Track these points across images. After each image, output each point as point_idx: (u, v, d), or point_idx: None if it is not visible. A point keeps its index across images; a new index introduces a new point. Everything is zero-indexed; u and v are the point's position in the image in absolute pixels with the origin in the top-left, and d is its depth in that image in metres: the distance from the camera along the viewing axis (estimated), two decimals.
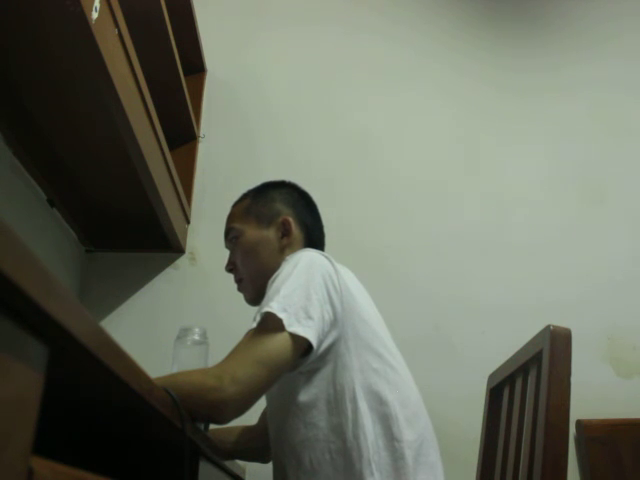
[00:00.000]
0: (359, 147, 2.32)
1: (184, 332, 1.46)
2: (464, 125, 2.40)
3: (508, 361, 1.31)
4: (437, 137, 2.38)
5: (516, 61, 2.50)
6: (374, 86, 2.43)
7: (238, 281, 1.27)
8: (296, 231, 1.25)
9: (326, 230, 1.35)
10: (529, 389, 1.13)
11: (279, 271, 1.08)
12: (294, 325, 0.98)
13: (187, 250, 2.12)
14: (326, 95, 2.40)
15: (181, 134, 2.16)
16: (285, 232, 1.24)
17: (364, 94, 2.41)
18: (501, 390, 1.36)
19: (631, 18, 2.58)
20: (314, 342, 0.99)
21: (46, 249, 1.76)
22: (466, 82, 2.45)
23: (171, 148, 1.85)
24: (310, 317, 1.00)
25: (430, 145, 2.36)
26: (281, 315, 0.97)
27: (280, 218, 1.25)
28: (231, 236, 1.28)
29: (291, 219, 1.25)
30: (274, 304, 0.99)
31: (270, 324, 0.97)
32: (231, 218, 1.30)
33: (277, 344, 0.96)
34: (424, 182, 2.29)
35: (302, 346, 1.00)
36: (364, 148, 2.32)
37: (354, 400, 1.04)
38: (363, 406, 1.04)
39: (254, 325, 0.99)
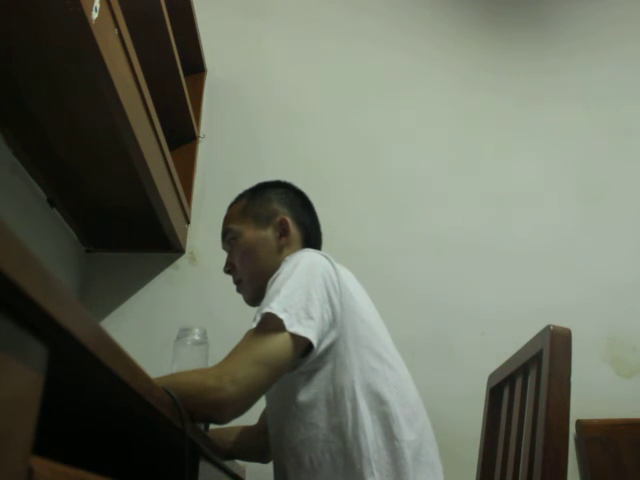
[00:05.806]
0: (359, 148, 2.32)
1: (184, 332, 1.46)
2: (464, 128, 2.40)
3: (508, 361, 1.31)
4: (437, 140, 2.38)
5: (516, 64, 2.49)
6: (374, 88, 2.43)
7: (237, 282, 1.27)
8: (294, 231, 1.25)
9: (325, 232, 1.34)
10: (529, 389, 1.13)
11: (279, 271, 1.08)
12: (295, 325, 0.98)
13: (187, 250, 2.12)
14: (326, 96, 2.40)
15: (181, 134, 2.16)
16: (283, 232, 1.24)
17: (364, 96, 2.41)
18: (501, 390, 1.36)
19: (632, 22, 2.57)
20: (315, 342, 0.99)
21: (46, 249, 1.76)
22: (466, 85, 2.45)
23: (171, 148, 1.85)
24: (311, 317, 1.00)
25: (430, 148, 2.36)
26: (282, 315, 0.97)
27: (278, 218, 1.25)
28: (229, 237, 1.27)
29: (289, 219, 1.25)
30: (274, 304, 0.99)
31: (270, 324, 0.97)
32: (228, 219, 1.30)
33: (277, 344, 0.96)
34: (424, 185, 2.29)
35: (302, 346, 1.00)
36: (364, 150, 2.32)
37: (354, 400, 1.04)
38: (363, 406, 1.04)
39: (254, 325, 0.99)
